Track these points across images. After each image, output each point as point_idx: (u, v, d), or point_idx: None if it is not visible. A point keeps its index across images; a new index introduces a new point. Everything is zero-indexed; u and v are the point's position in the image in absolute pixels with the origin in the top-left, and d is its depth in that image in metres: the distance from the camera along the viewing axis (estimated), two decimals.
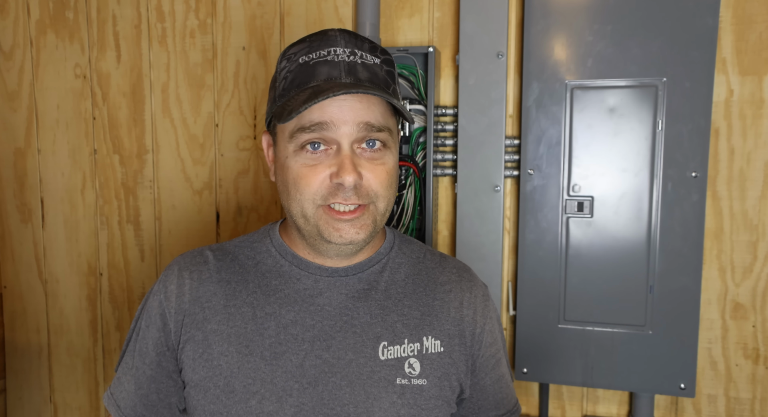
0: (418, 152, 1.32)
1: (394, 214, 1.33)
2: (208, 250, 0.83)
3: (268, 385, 0.73)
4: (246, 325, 0.76)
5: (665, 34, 1.15)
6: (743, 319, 1.26)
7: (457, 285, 0.83)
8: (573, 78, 1.19)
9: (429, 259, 0.85)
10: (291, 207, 0.74)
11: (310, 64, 0.72)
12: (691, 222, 1.17)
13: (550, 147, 1.22)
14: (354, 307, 0.77)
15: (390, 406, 0.74)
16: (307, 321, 0.76)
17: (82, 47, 1.55)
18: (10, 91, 1.62)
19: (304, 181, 0.72)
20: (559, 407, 1.36)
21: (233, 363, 0.75)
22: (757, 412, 1.27)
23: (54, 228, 1.63)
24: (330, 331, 0.76)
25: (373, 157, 0.73)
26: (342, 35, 0.74)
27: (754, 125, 1.21)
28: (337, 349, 0.75)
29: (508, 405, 0.87)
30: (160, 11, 1.50)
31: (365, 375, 0.75)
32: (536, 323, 1.25)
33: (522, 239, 1.25)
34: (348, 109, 0.70)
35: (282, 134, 0.74)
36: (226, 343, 0.75)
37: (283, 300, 0.78)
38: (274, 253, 0.82)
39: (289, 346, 0.75)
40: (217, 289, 0.79)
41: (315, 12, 1.40)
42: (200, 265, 0.81)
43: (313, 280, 0.78)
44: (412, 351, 0.77)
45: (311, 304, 0.77)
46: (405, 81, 1.31)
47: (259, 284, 0.79)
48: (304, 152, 0.71)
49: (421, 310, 0.80)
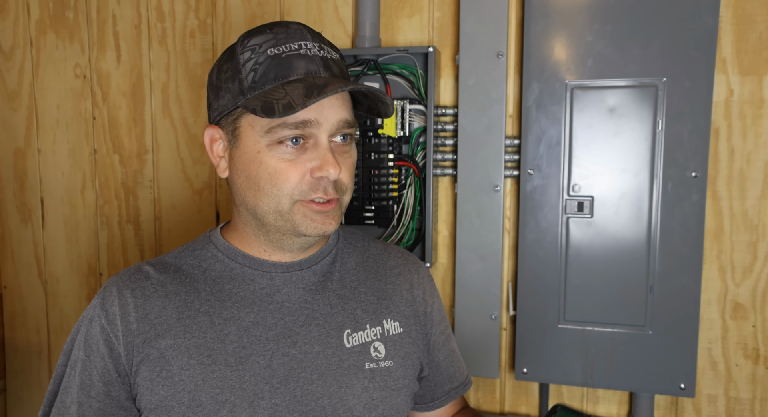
0: (418, 152, 1.32)
1: (394, 214, 1.33)
2: (147, 265, 0.79)
3: (238, 392, 0.71)
4: (204, 334, 0.73)
5: (665, 34, 1.15)
6: (743, 319, 1.26)
7: (404, 268, 0.87)
8: (573, 78, 1.19)
9: (374, 246, 0.89)
10: (261, 203, 0.72)
11: (283, 57, 0.71)
12: (691, 222, 1.17)
13: (550, 147, 1.22)
14: (313, 299, 0.78)
15: (362, 391, 0.76)
16: (268, 320, 0.75)
17: (82, 47, 1.55)
18: (10, 91, 1.62)
19: (283, 177, 0.70)
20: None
21: (196, 375, 0.72)
22: (757, 412, 1.27)
23: (54, 228, 1.63)
24: (293, 327, 0.76)
25: (343, 150, 0.74)
26: (306, 29, 0.74)
27: (754, 125, 1.21)
28: (303, 344, 0.75)
29: (461, 377, 0.92)
30: (160, 11, 1.50)
31: (334, 365, 0.76)
32: (536, 323, 1.25)
33: (522, 239, 1.25)
34: (329, 107, 0.71)
35: (251, 128, 0.72)
36: (186, 356, 0.72)
37: (240, 303, 0.76)
38: (222, 258, 0.79)
39: (254, 349, 0.73)
40: (166, 303, 0.75)
41: (315, 12, 1.40)
42: (141, 281, 0.76)
43: (268, 278, 0.77)
44: (375, 335, 0.79)
45: (270, 303, 0.76)
46: (405, 81, 1.31)
47: (212, 291, 0.76)
48: (282, 147, 0.70)
49: (376, 294, 0.82)
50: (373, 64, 1.31)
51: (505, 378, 1.38)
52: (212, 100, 0.76)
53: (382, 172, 1.32)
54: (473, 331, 1.30)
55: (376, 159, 1.31)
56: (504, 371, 1.38)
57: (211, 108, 0.77)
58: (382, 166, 1.31)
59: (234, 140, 0.74)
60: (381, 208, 1.33)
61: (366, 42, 1.32)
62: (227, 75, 0.74)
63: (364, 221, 1.35)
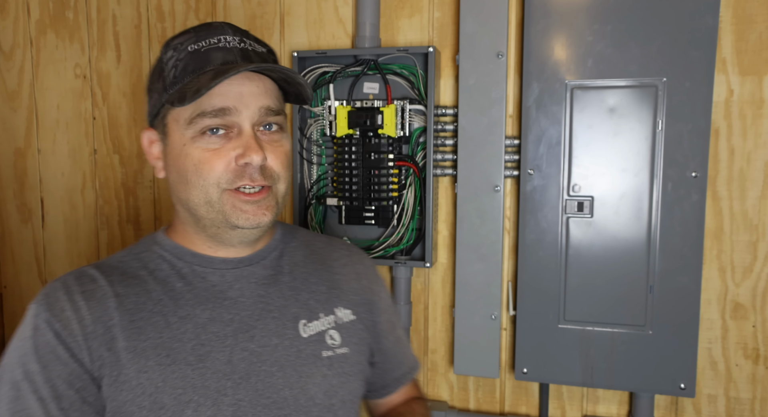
0: (418, 152, 1.32)
1: (394, 214, 1.33)
2: (90, 269, 0.76)
3: (201, 390, 0.71)
4: (161, 334, 0.72)
5: (665, 34, 1.15)
6: (743, 319, 1.26)
7: (349, 259, 0.89)
8: (573, 78, 1.19)
9: (318, 240, 0.91)
10: (191, 196, 0.73)
11: (202, 51, 0.72)
12: (691, 222, 1.17)
13: (550, 147, 1.22)
14: (266, 293, 0.79)
15: (322, 379, 0.77)
16: (224, 316, 0.75)
17: (82, 47, 1.55)
18: (10, 91, 1.62)
19: (208, 166, 0.71)
20: (559, 407, 1.37)
21: (156, 377, 0.70)
22: (757, 412, 1.27)
23: (54, 228, 1.63)
24: (249, 321, 0.76)
25: (272, 139, 0.75)
26: (228, 25, 0.76)
27: (754, 125, 1.21)
28: (261, 337, 0.76)
29: (409, 362, 0.95)
30: (160, 11, 1.50)
31: (293, 356, 0.77)
32: (536, 323, 1.25)
33: (522, 239, 1.25)
34: (248, 94, 0.72)
35: (176, 123, 0.73)
36: (143, 359, 0.70)
37: (193, 300, 0.75)
38: (169, 257, 0.78)
39: (213, 345, 0.73)
40: (118, 305, 0.72)
41: (315, 12, 1.40)
42: (88, 284, 0.74)
43: (220, 274, 0.77)
44: (329, 323, 0.81)
45: (224, 299, 0.76)
46: (405, 81, 1.32)
47: (163, 290, 0.75)
48: (205, 137, 0.71)
49: (326, 284, 0.84)
50: (373, 64, 1.31)
51: (505, 378, 1.38)
52: (147, 104, 0.78)
53: (382, 172, 1.32)
54: (473, 331, 1.30)
55: (376, 159, 1.31)
56: (504, 371, 1.38)
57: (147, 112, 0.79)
58: (382, 166, 1.31)
59: (164, 138, 0.76)
60: (381, 208, 1.33)
61: (366, 42, 1.32)
62: (154, 76, 0.76)
63: (364, 221, 1.35)
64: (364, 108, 1.31)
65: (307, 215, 1.39)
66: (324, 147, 1.38)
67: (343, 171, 1.34)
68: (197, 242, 0.78)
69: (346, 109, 1.31)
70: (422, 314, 1.42)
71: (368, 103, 1.32)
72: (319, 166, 1.39)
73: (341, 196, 1.35)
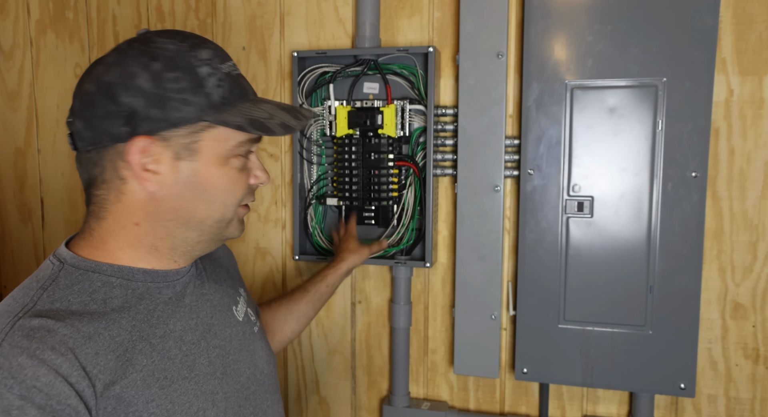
0: (418, 152, 1.32)
1: (394, 214, 1.33)
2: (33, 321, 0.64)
3: (201, 397, 0.75)
4: (151, 359, 0.71)
5: (665, 34, 1.15)
6: (743, 319, 1.26)
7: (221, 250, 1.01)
8: (573, 78, 1.19)
9: None
10: (213, 213, 0.75)
11: (233, 75, 0.76)
12: (691, 222, 1.17)
13: (550, 147, 1.22)
14: (207, 292, 0.85)
15: (262, 351, 0.90)
16: (190, 323, 0.79)
17: (82, 47, 1.55)
18: (10, 91, 1.62)
19: (239, 185, 0.77)
20: (559, 407, 1.37)
21: (164, 402, 0.70)
22: (757, 412, 1.27)
23: (54, 228, 1.63)
24: (208, 320, 0.82)
25: None
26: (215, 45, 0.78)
27: (754, 125, 1.21)
28: (220, 332, 0.83)
29: None
30: (160, 11, 1.50)
31: (242, 339, 0.86)
32: (536, 323, 1.25)
33: (522, 239, 1.25)
34: None
35: (217, 142, 0.72)
36: (145, 388, 0.69)
37: (162, 316, 0.76)
38: (118, 282, 0.73)
39: (194, 353, 0.77)
40: (97, 348, 0.66)
41: (315, 12, 1.40)
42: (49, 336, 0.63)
43: (171, 286, 0.79)
44: (244, 303, 0.93)
45: (182, 307, 0.79)
46: (405, 81, 1.31)
47: (130, 315, 0.71)
48: (236, 158, 0.76)
49: (224, 272, 0.94)
50: (373, 64, 1.31)
51: (505, 378, 1.38)
52: (143, 108, 0.69)
53: (382, 172, 1.32)
54: (473, 331, 1.30)
55: (376, 159, 1.31)
56: (504, 371, 1.38)
57: (139, 117, 0.69)
58: (382, 166, 1.31)
59: (188, 153, 0.71)
60: (381, 208, 1.33)
61: (366, 42, 1.32)
62: (181, 85, 0.69)
63: (364, 221, 1.35)
64: (364, 108, 1.31)
65: (307, 215, 1.39)
66: (324, 147, 1.38)
67: (343, 171, 1.34)
68: (148, 259, 0.76)
69: (346, 109, 1.31)
70: (422, 314, 1.42)
71: (368, 103, 1.32)
72: (319, 166, 1.39)
73: (341, 196, 1.35)
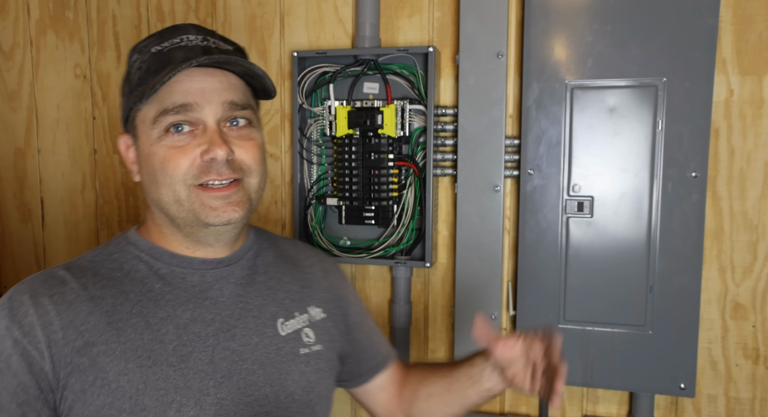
0: (418, 152, 1.32)
1: (394, 214, 1.33)
2: (60, 270, 0.73)
3: (183, 391, 0.71)
4: (141, 335, 0.71)
5: (665, 34, 1.15)
6: (743, 319, 1.26)
7: (315, 259, 0.92)
8: (573, 78, 1.19)
9: (283, 242, 0.93)
10: (161, 195, 0.72)
11: (164, 51, 0.73)
12: (691, 222, 1.17)
13: (550, 147, 1.22)
14: (245, 293, 0.80)
15: (300, 376, 0.80)
16: (205, 316, 0.75)
17: (82, 47, 1.55)
18: (10, 91, 1.62)
19: (173, 163, 0.71)
20: (559, 407, 1.37)
21: (137, 379, 0.69)
22: (757, 412, 1.27)
23: (54, 228, 1.63)
24: (230, 321, 0.77)
25: (241, 135, 0.74)
26: (192, 26, 0.76)
27: (754, 125, 1.21)
28: (242, 336, 0.77)
29: (382, 352, 0.96)
30: (160, 11, 1.50)
31: (273, 353, 0.78)
32: (536, 323, 1.25)
33: (522, 239, 1.25)
34: (210, 90, 0.72)
35: (143, 124, 0.73)
36: (123, 361, 0.69)
37: (174, 301, 0.75)
38: (146, 258, 0.77)
39: (195, 346, 0.73)
40: (93, 308, 0.70)
41: (315, 12, 1.40)
42: (58, 286, 0.71)
43: (200, 275, 0.77)
44: (304, 321, 0.83)
45: (204, 299, 0.76)
46: (405, 81, 1.32)
47: (142, 291, 0.74)
48: (169, 135, 0.71)
49: (298, 284, 0.86)
50: (373, 64, 1.31)
51: None
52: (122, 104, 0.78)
53: (382, 172, 1.32)
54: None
55: (376, 159, 1.31)
56: None
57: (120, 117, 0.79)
58: (382, 166, 1.31)
59: (135, 141, 0.76)
60: (381, 208, 1.33)
61: (366, 42, 1.32)
62: (123, 80, 0.77)
63: (364, 221, 1.35)
64: (364, 108, 1.31)
65: (307, 215, 1.39)
66: (324, 147, 1.38)
67: (343, 171, 1.34)
68: (174, 243, 0.78)
69: (346, 109, 1.31)
70: (422, 314, 1.42)
71: (368, 103, 1.32)
72: (319, 166, 1.39)
73: (341, 196, 1.35)
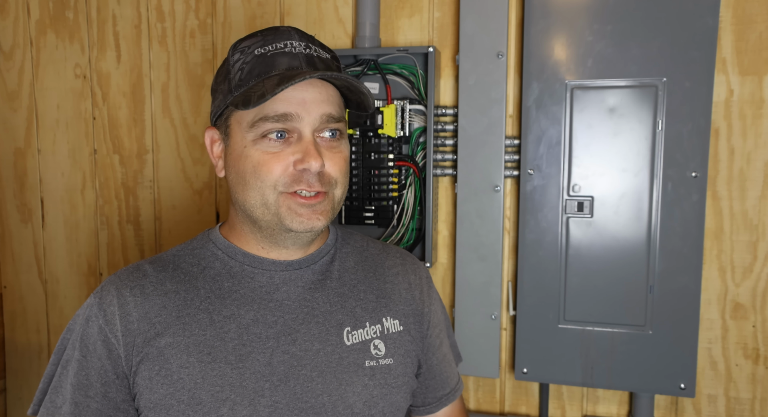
0: (418, 152, 1.32)
1: (394, 214, 1.33)
2: (145, 264, 0.79)
3: (238, 390, 0.72)
4: (204, 331, 0.74)
5: (665, 34, 1.15)
6: (743, 319, 1.26)
7: (402, 268, 0.88)
8: (573, 78, 1.19)
9: (372, 247, 0.90)
10: (248, 197, 0.74)
11: (268, 55, 0.73)
12: (691, 222, 1.17)
13: (550, 147, 1.22)
14: (312, 298, 0.79)
15: (362, 388, 0.77)
16: (268, 318, 0.76)
17: (82, 47, 1.55)
18: (10, 91, 1.62)
19: (266, 168, 0.72)
20: (559, 407, 1.37)
21: (196, 373, 0.72)
22: (757, 412, 1.27)
23: (54, 228, 1.63)
24: (293, 325, 0.76)
25: (331, 146, 0.76)
26: (295, 30, 0.77)
27: (754, 125, 1.21)
28: (303, 342, 0.76)
29: (451, 384, 0.93)
30: (160, 11, 1.50)
31: (334, 362, 0.76)
32: (536, 323, 1.25)
33: (522, 239, 1.25)
34: (311, 101, 0.73)
35: (238, 125, 0.74)
36: (185, 355, 0.72)
37: (240, 300, 0.76)
38: (222, 256, 0.80)
39: (254, 346, 0.74)
40: (166, 302, 0.75)
41: (315, 12, 1.40)
42: (140, 279, 0.76)
43: (268, 276, 0.78)
44: (374, 333, 0.80)
45: (270, 301, 0.77)
46: (405, 81, 1.31)
47: (212, 288, 0.77)
48: (266, 141, 0.72)
49: (375, 293, 0.83)
50: (373, 64, 1.31)
51: (505, 378, 1.38)
52: (212, 103, 0.80)
53: (382, 172, 1.32)
54: (473, 331, 1.30)
55: (376, 159, 1.31)
56: (504, 371, 1.38)
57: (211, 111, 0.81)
58: (382, 166, 1.31)
59: (226, 139, 0.77)
60: (381, 208, 1.33)
61: (366, 42, 1.32)
62: (220, 78, 0.78)
63: (364, 221, 1.35)
64: None
65: None
66: None
67: None
68: (251, 242, 0.79)
69: (346, 109, 1.31)
70: None
71: None
72: None
73: None
